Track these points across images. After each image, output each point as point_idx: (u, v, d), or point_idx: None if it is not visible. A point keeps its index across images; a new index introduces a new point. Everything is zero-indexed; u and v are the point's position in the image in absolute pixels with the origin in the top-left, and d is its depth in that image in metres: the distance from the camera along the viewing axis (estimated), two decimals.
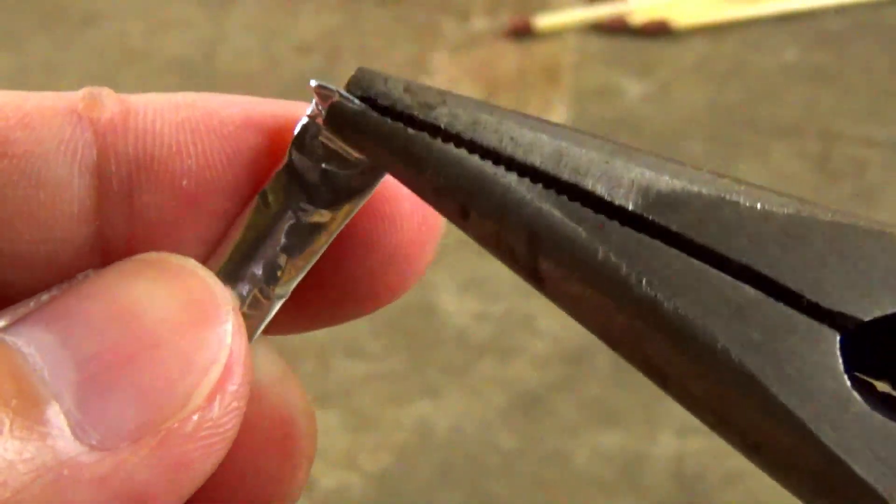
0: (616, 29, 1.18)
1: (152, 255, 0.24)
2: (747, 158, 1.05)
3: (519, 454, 0.85)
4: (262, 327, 0.25)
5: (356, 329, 0.94)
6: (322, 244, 0.25)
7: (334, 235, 0.25)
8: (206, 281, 0.23)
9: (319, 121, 0.24)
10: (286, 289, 0.25)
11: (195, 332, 0.22)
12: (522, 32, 1.18)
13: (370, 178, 0.24)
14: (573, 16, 1.19)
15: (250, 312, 0.25)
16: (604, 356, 0.91)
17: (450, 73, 1.14)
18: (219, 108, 0.25)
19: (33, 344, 0.22)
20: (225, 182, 0.25)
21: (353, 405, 0.89)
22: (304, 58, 1.17)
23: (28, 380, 0.21)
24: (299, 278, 0.25)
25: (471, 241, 0.25)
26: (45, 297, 0.23)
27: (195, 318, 0.23)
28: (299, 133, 0.24)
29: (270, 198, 0.25)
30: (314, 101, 0.24)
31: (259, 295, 0.25)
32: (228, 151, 0.25)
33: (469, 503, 0.84)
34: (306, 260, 0.25)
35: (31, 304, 0.23)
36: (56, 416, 0.21)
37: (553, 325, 0.93)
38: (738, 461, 0.87)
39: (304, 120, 0.24)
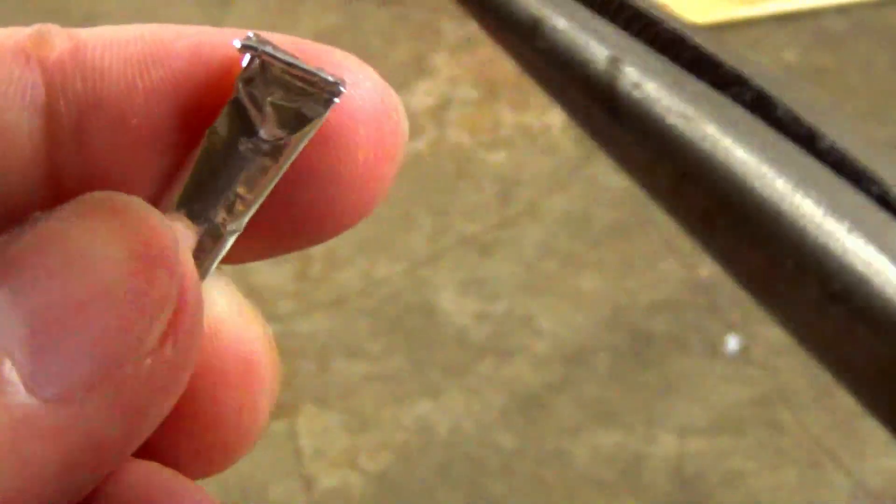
0: None
1: (97, 195, 0.23)
2: None
3: (519, 454, 0.85)
4: (216, 263, 0.24)
5: (356, 329, 0.94)
6: (274, 176, 0.24)
7: (286, 166, 0.24)
8: (154, 220, 0.22)
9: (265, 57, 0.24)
10: (239, 223, 0.24)
11: (144, 274, 0.22)
12: None
13: (322, 105, 0.24)
14: None
15: (203, 248, 0.24)
16: (604, 356, 0.91)
17: (450, 73, 1.14)
18: (168, 40, 0.25)
19: None
20: (175, 118, 0.24)
21: (353, 405, 0.89)
22: None
23: None
24: (252, 212, 0.24)
25: (471, 241, 0.25)
26: None
27: (144, 260, 0.22)
28: (246, 66, 0.24)
29: (220, 131, 0.24)
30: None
31: (212, 231, 0.24)
32: (178, 86, 0.24)
33: (469, 503, 0.84)
34: (258, 193, 0.24)
35: None
36: (9, 372, 0.20)
37: (553, 325, 0.93)
38: (738, 461, 0.88)
39: (248, 57, 0.24)
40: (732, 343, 0.91)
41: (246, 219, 0.24)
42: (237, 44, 0.24)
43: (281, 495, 0.85)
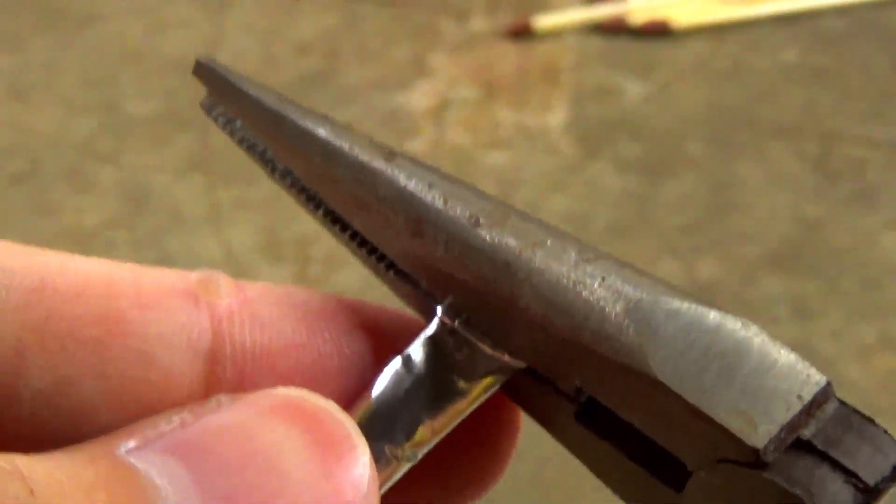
0: (616, 29, 1.18)
1: (292, 392, 0.23)
2: (746, 159, 1.05)
3: (519, 454, 0.85)
4: (386, 488, 0.24)
5: None
6: (459, 416, 0.25)
7: (471, 409, 0.25)
8: (346, 427, 0.22)
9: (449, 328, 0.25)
10: (416, 452, 0.25)
11: (332, 481, 0.22)
12: (522, 33, 1.18)
13: (503, 371, 0.25)
14: (573, 16, 1.19)
15: (378, 469, 0.24)
16: None
17: (449, 74, 1.14)
18: (336, 310, 0.26)
19: (166, 476, 0.21)
20: (334, 382, 0.25)
21: None
22: (304, 58, 1.17)
23: None
24: (431, 445, 0.25)
25: None
26: (175, 419, 0.22)
27: (332, 468, 0.22)
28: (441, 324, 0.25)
29: (415, 360, 0.25)
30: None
31: (389, 453, 0.24)
32: (341, 353, 0.25)
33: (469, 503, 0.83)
34: (442, 428, 0.25)
35: (161, 425, 0.22)
36: None
37: None
38: None
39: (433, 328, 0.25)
40: None
41: (424, 450, 0.25)
42: (436, 322, 0.25)
43: None
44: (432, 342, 0.25)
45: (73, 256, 0.24)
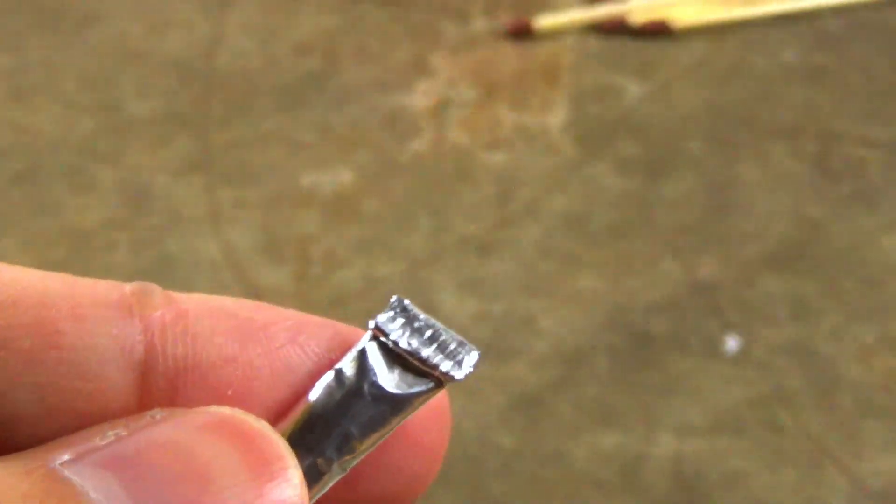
0: (615, 29, 1.18)
1: (226, 411, 0.23)
2: (746, 159, 1.05)
3: (518, 454, 0.85)
4: (316, 498, 0.25)
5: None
6: (390, 428, 0.25)
7: (401, 422, 0.25)
8: (281, 451, 0.23)
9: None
10: (346, 465, 0.25)
11: (263, 501, 0.22)
12: (522, 33, 1.18)
13: (436, 386, 0.26)
14: (573, 16, 1.19)
15: (308, 482, 0.25)
16: (603, 357, 0.91)
17: (449, 74, 1.14)
18: (270, 321, 0.26)
19: (101, 490, 0.21)
20: (267, 395, 0.25)
21: None
22: (304, 58, 1.17)
23: None
24: (361, 457, 0.25)
25: (470, 241, 0.26)
26: (109, 433, 0.22)
27: (265, 488, 0.22)
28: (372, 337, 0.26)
29: (346, 373, 0.25)
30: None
31: (319, 467, 0.25)
32: (274, 367, 0.25)
33: (469, 503, 0.84)
34: (373, 440, 0.25)
35: (96, 438, 0.22)
36: None
37: (553, 325, 0.93)
38: (737, 462, 0.88)
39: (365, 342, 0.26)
40: (732, 343, 0.91)
41: (354, 463, 0.25)
42: (368, 335, 0.26)
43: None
44: (365, 356, 0.25)
45: (6, 266, 0.24)
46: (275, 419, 0.25)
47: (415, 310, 0.27)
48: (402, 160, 1.06)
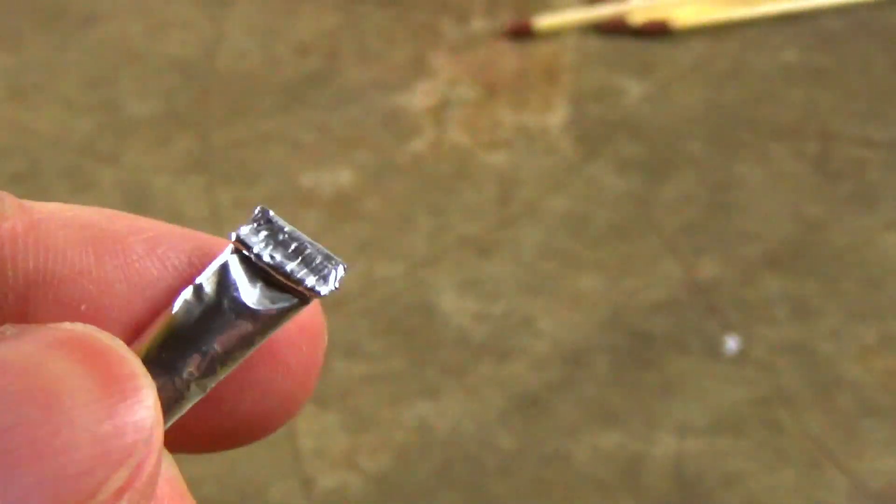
0: (615, 29, 1.18)
1: (77, 328, 0.22)
2: (746, 159, 1.05)
3: (518, 454, 0.85)
4: (172, 422, 0.24)
5: (356, 329, 0.94)
6: (252, 346, 0.24)
7: (264, 341, 0.24)
8: (134, 369, 0.22)
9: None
10: (206, 384, 0.24)
11: (116, 420, 0.21)
12: (522, 33, 1.18)
13: (300, 301, 0.24)
14: (573, 16, 1.19)
15: (165, 402, 0.23)
16: (603, 357, 0.91)
17: (449, 74, 1.14)
18: (126, 233, 0.24)
19: None
20: (123, 311, 0.24)
21: (352, 405, 0.89)
22: (304, 58, 1.17)
23: None
24: (221, 377, 0.24)
25: (470, 241, 0.26)
26: None
27: (115, 408, 0.21)
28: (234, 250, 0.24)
29: (206, 289, 0.24)
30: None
31: (176, 387, 0.24)
32: (131, 280, 0.24)
33: (469, 503, 0.84)
34: (234, 358, 0.24)
35: None
36: None
37: (553, 325, 0.93)
38: (737, 462, 0.87)
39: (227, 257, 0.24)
40: (732, 343, 0.91)
41: (214, 382, 0.24)
42: (230, 248, 0.24)
43: (280, 496, 0.85)
44: (226, 270, 0.24)
45: None
46: (131, 336, 0.24)
47: (280, 221, 0.25)
48: (402, 160, 1.06)
